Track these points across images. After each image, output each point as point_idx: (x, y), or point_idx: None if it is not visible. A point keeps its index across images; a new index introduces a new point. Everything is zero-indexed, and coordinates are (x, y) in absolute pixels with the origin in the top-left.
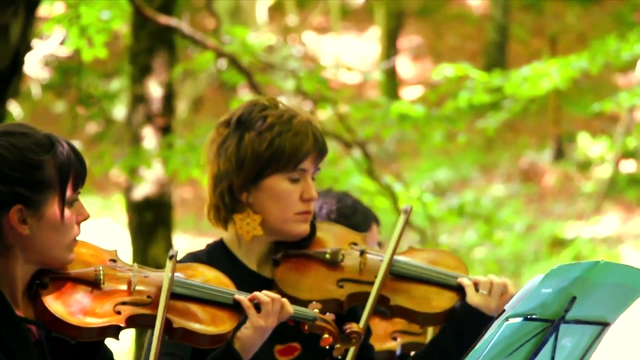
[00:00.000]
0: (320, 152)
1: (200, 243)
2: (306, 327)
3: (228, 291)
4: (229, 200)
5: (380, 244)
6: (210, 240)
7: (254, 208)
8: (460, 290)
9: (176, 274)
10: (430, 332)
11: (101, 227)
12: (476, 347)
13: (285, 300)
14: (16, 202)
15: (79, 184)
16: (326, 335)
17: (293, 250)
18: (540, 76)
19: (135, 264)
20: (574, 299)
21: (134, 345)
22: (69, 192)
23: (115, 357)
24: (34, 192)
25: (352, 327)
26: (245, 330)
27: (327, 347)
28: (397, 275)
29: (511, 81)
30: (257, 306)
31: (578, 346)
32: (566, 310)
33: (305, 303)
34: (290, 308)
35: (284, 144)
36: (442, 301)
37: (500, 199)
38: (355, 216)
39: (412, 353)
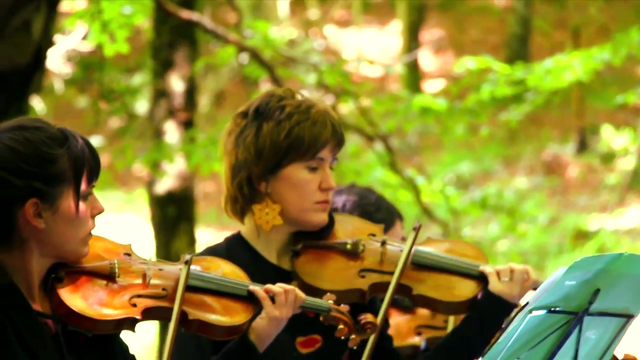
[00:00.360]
0: (339, 141)
1: (222, 237)
2: (321, 318)
3: (243, 283)
4: (247, 191)
5: (404, 240)
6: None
7: (272, 198)
8: (481, 279)
9: (192, 267)
10: (451, 324)
11: (124, 221)
12: (499, 340)
13: (297, 290)
14: (31, 195)
15: (93, 177)
16: (341, 326)
17: (312, 241)
18: (563, 68)
19: (150, 258)
20: (597, 291)
21: (157, 339)
22: (83, 186)
23: (130, 350)
24: (49, 185)
25: (367, 317)
26: (260, 321)
27: (343, 337)
28: (419, 265)
29: (534, 74)
30: (272, 297)
31: (602, 338)
32: (590, 302)
33: (326, 293)
34: (303, 296)
35: (302, 133)
36: (465, 290)
37: (524, 192)
38: (378, 213)
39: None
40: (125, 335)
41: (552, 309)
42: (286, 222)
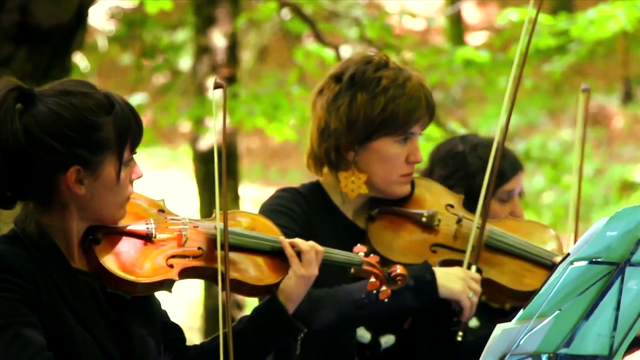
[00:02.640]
0: (431, 115)
1: (267, 193)
2: (352, 271)
3: (274, 239)
4: (334, 157)
5: (521, 194)
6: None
7: (359, 167)
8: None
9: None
10: None
11: (169, 178)
12: (541, 291)
13: (318, 246)
14: (74, 163)
15: (135, 144)
16: (372, 279)
17: (389, 207)
18: (607, 18)
19: (186, 217)
20: (639, 241)
21: (203, 295)
22: (126, 154)
23: (161, 305)
24: (92, 153)
25: (397, 269)
26: (288, 281)
27: (374, 291)
28: (493, 247)
29: (577, 24)
30: (298, 254)
31: None
32: (632, 252)
33: (396, 264)
34: (322, 249)
35: (397, 109)
36: (534, 279)
37: (568, 143)
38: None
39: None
40: (169, 293)
41: (594, 260)
42: (369, 191)
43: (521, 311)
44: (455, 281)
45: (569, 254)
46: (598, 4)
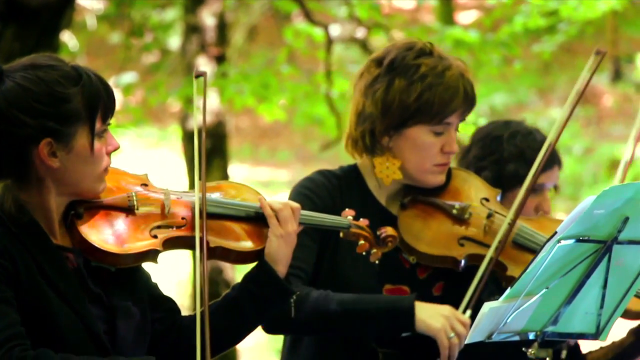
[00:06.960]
0: (469, 106)
1: (257, 172)
2: (341, 235)
3: (251, 203)
4: (369, 141)
5: (556, 188)
6: (267, 169)
7: (393, 152)
8: None
9: (214, 195)
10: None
11: (158, 157)
12: (529, 269)
13: (293, 203)
14: (45, 135)
15: (108, 115)
16: (362, 242)
17: (422, 196)
18: None
19: (167, 187)
20: (626, 219)
21: (192, 274)
22: (98, 124)
23: (152, 278)
24: (63, 125)
25: (387, 230)
26: (269, 244)
27: (364, 253)
28: (519, 245)
29: (567, 4)
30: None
31: (632, 267)
32: (619, 231)
33: (422, 255)
34: (298, 205)
35: (433, 98)
36: None
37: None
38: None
39: None
40: (156, 270)
41: (581, 238)
42: (403, 177)
43: (508, 290)
44: (435, 317)
45: (556, 233)
46: None
